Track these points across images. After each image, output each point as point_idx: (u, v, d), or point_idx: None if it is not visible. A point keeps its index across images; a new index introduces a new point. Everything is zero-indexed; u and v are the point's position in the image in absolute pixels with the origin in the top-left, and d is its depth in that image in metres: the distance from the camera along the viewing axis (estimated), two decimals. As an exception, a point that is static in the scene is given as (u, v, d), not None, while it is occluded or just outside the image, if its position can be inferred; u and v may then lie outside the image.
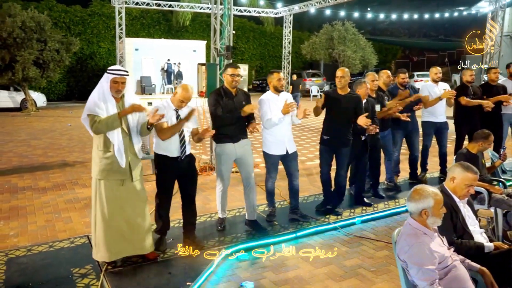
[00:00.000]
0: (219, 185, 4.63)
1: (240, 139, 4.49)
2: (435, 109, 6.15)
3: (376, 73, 5.82)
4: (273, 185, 4.93)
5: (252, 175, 4.65)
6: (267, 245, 4.36)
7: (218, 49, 7.37)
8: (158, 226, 4.21)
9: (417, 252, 2.36)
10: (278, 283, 3.64)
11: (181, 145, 4.03)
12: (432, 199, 2.43)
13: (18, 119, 14.95)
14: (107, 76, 3.55)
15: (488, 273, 2.57)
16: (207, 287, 3.57)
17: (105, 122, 3.45)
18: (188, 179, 4.20)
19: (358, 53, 25.40)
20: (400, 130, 5.97)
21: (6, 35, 14.66)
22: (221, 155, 4.49)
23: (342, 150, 5.02)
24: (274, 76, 4.62)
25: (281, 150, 4.69)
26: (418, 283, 2.36)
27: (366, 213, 5.23)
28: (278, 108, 4.55)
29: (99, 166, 3.59)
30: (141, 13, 24.22)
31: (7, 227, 4.84)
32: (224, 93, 4.41)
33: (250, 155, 4.63)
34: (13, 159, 8.41)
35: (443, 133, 6.40)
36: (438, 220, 2.46)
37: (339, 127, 4.88)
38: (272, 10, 22.96)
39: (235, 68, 4.39)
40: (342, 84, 4.91)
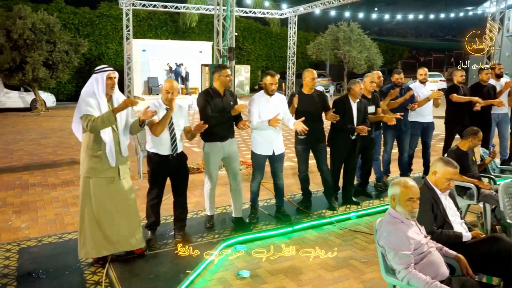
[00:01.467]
0: (207, 184, 4.70)
1: (228, 138, 4.59)
2: (422, 109, 6.24)
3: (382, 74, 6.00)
4: (258, 186, 4.95)
5: (238, 173, 4.76)
6: (264, 238, 4.60)
7: (221, 50, 7.59)
8: (149, 221, 4.33)
9: (394, 238, 2.56)
10: (273, 272, 3.85)
11: (172, 143, 4.13)
12: (399, 188, 2.65)
13: (29, 118, 15.30)
14: (99, 75, 3.64)
15: (464, 260, 2.76)
16: (206, 275, 3.79)
17: (101, 118, 3.51)
18: (179, 176, 4.31)
19: (364, 53, 25.50)
20: (392, 130, 6.06)
21: (17, 36, 15.01)
22: (209, 154, 4.56)
23: (318, 146, 5.16)
24: (267, 79, 4.66)
25: (268, 150, 4.75)
26: (395, 267, 2.56)
27: (361, 208, 5.42)
28: (268, 109, 4.63)
29: (88, 164, 3.65)
30: (148, 15, 24.54)
31: (19, 220, 5.11)
32: (213, 93, 4.50)
33: (237, 154, 4.73)
34: (24, 157, 8.70)
35: (428, 133, 6.51)
36: (405, 211, 2.65)
37: (312, 125, 4.86)
38: (277, 11, 23.17)
39: (227, 69, 4.53)
40: (314, 85, 5.10)
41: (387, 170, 6.40)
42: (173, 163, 4.19)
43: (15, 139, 10.91)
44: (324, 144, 5.24)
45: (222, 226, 4.84)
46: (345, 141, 5.29)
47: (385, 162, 6.34)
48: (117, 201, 3.77)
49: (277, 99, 4.77)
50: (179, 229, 4.45)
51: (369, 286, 3.63)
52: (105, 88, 3.66)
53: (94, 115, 3.55)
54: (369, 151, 5.74)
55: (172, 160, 4.17)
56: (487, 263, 2.83)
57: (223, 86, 4.52)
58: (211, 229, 4.74)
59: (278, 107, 4.72)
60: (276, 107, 4.70)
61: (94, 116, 3.54)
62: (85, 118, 3.55)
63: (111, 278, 3.60)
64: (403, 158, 6.33)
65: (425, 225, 2.91)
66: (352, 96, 5.24)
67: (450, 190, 3.21)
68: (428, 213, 3.03)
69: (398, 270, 2.55)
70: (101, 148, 3.65)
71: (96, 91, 3.64)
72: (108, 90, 3.68)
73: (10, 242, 4.36)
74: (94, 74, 3.69)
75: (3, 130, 12.34)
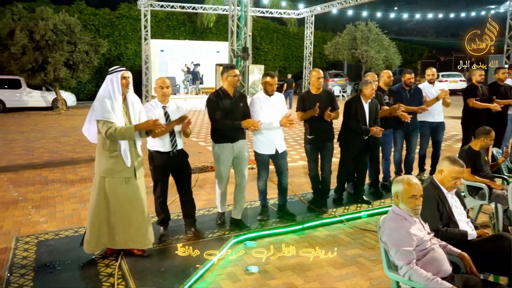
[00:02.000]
0: (218, 184, 4.80)
1: (238, 139, 4.62)
2: (432, 109, 6.20)
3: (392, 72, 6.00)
4: (265, 184, 5.03)
5: (245, 175, 4.78)
6: (274, 235, 4.67)
7: (235, 50, 7.68)
8: (160, 218, 4.43)
9: (396, 234, 2.60)
10: (281, 268, 3.92)
11: (171, 139, 4.21)
12: (402, 185, 2.68)
13: (50, 117, 15.70)
14: (114, 76, 3.72)
15: (468, 258, 2.77)
16: (215, 270, 3.88)
17: (121, 132, 3.62)
18: (182, 173, 4.39)
19: (382, 53, 25.27)
20: (401, 130, 6.05)
21: (39, 37, 15.42)
22: (220, 155, 4.60)
23: (327, 145, 5.21)
24: (267, 79, 4.70)
25: (270, 149, 4.80)
26: (397, 263, 2.60)
27: (372, 207, 5.43)
28: (269, 109, 4.70)
29: (105, 165, 3.73)
30: (167, 15, 24.84)
31: (38, 214, 5.30)
32: (222, 95, 4.50)
33: (246, 156, 4.76)
34: (44, 155, 8.97)
35: (439, 133, 6.45)
36: (408, 208, 2.68)
37: (321, 124, 5.02)
38: (294, 11, 23.17)
39: (235, 69, 4.54)
40: (320, 84, 5.12)
41: (399, 169, 6.38)
42: (174, 160, 4.27)
43: (36, 137, 11.23)
44: (331, 144, 5.27)
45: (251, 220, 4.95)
46: (356, 141, 5.33)
47: (396, 162, 6.33)
48: (131, 201, 3.83)
49: (277, 98, 4.82)
50: (189, 225, 4.53)
51: (376, 283, 3.66)
52: (120, 88, 3.72)
53: (112, 120, 3.63)
54: (376, 150, 5.75)
55: (173, 157, 4.25)
56: (491, 262, 2.84)
57: (232, 87, 4.52)
58: (222, 225, 4.83)
59: (277, 106, 4.78)
60: (275, 106, 4.76)
61: (113, 124, 3.62)
62: (103, 123, 3.62)
63: (124, 271, 3.72)
64: (410, 158, 6.31)
65: (430, 223, 2.93)
66: (364, 97, 5.28)
67: (456, 189, 3.22)
68: (433, 211, 3.05)
69: (400, 266, 2.58)
70: (118, 148, 3.73)
71: (112, 92, 3.70)
72: (123, 90, 3.75)
73: (29, 235, 4.54)
74: (108, 75, 3.76)
75: (25, 128, 12.70)
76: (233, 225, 4.78)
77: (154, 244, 4.11)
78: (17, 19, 15.86)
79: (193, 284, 3.60)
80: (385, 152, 6.12)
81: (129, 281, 3.55)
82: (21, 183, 6.74)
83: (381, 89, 5.92)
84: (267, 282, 3.68)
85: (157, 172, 4.27)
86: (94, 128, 3.81)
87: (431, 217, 3.00)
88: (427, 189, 3.07)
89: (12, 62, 15.83)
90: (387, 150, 6.10)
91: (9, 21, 15.78)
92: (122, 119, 3.74)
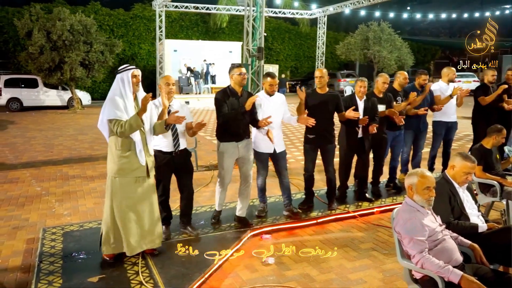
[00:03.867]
0: (220, 182, 4.77)
1: (243, 138, 4.62)
2: (447, 108, 6.19)
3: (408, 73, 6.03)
4: (264, 182, 5.03)
5: (250, 174, 4.77)
6: (290, 229, 4.82)
7: (250, 50, 7.84)
8: (162, 216, 4.28)
9: (410, 225, 2.73)
10: (297, 260, 4.07)
11: (173, 139, 4.21)
12: (417, 178, 2.80)
13: (66, 116, 16.03)
14: (124, 74, 3.70)
15: (478, 249, 2.89)
16: (233, 261, 4.03)
17: (129, 124, 3.57)
18: (184, 173, 4.39)
19: (394, 53, 25.21)
20: (410, 130, 6.07)
21: (56, 37, 15.76)
22: (224, 153, 4.59)
23: (326, 147, 5.16)
24: (267, 80, 4.75)
25: (269, 148, 4.82)
26: (410, 252, 2.73)
27: (385, 204, 5.55)
28: (270, 109, 4.74)
29: (118, 165, 3.70)
30: (180, 16, 25.11)
31: (62, 207, 5.52)
32: (230, 93, 4.54)
33: (251, 155, 4.78)
34: (63, 151, 9.23)
35: (451, 133, 6.45)
36: (423, 199, 2.80)
37: (322, 125, 4.97)
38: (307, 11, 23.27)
39: (241, 68, 4.54)
40: (321, 83, 5.07)
41: (406, 169, 6.35)
42: (177, 160, 4.28)
43: (55, 134, 11.52)
44: (333, 146, 5.21)
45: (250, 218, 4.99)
46: (351, 139, 5.34)
47: (403, 161, 6.32)
48: (144, 199, 3.85)
49: (278, 98, 4.87)
50: (185, 224, 4.52)
51: (388, 275, 3.79)
52: (131, 86, 3.73)
53: (122, 119, 3.62)
54: (380, 150, 5.74)
55: (176, 157, 4.27)
56: (501, 253, 2.95)
57: (238, 85, 4.53)
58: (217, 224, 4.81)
59: (278, 106, 4.83)
60: (276, 106, 4.81)
61: (122, 121, 3.61)
62: (114, 122, 3.63)
63: (147, 259, 3.90)
64: (417, 158, 6.30)
65: (442, 216, 3.05)
66: (357, 95, 5.33)
67: (467, 184, 3.34)
68: (445, 205, 3.17)
69: (412, 255, 2.71)
70: (130, 148, 3.72)
71: (123, 90, 3.71)
72: (134, 88, 3.75)
73: (55, 226, 4.76)
74: (118, 74, 3.75)
75: (44, 127, 13.02)
76: (237, 223, 4.80)
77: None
78: (35, 19, 16.24)
79: (213, 273, 3.77)
80: (395, 153, 6.10)
81: (152, 269, 3.73)
82: (43, 178, 6.99)
83: (394, 90, 5.92)
84: (283, 272, 3.83)
85: (160, 171, 4.18)
86: (106, 128, 3.78)
87: (443, 210, 3.13)
88: (440, 183, 3.19)
89: (29, 61, 16.24)
90: (397, 151, 6.10)
91: (27, 22, 16.17)
92: None
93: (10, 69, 20.06)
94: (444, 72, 6.39)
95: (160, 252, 4.03)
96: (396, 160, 6.15)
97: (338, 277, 3.76)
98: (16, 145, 9.95)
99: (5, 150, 9.27)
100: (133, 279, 3.58)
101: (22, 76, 17.69)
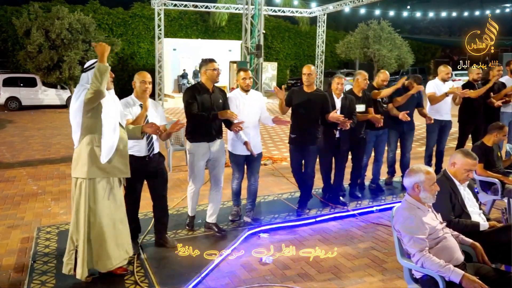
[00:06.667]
0: (191, 185, 4.42)
1: (215, 139, 4.30)
2: (441, 107, 6.05)
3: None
4: (239, 185, 4.76)
5: (221, 178, 4.47)
6: (288, 228, 4.76)
7: (249, 48, 7.78)
8: (130, 228, 3.70)
9: (410, 223, 2.66)
10: (295, 259, 4.00)
11: (148, 143, 3.84)
12: (423, 174, 2.72)
13: (65, 115, 15.94)
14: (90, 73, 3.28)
15: (480, 247, 2.83)
16: (230, 260, 3.98)
17: (96, 69, 3.14)
18: (158, 178, 3.99)
19: (394, 52, 25.13)
20: (395, 130, 5.81)
21: (55, 36, 15.69)
22: (195, 155, 4.27)
23: (309, 148, 4.85)
24: (240, 74, 4.51)
25: (244, 150, 4.48)
26: (410, 250, 2.66)
27: (384, 202, 5.48)
28: (246, 107, 4.49)
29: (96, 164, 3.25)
30: (179, 14, 25.05)
31: (57, 206, 5.46)
32: (201, 89, 4.21)
33: (223, 157, 4.45)
34: (61, 150, 9.16)
35: (445, 132, 6.25)
36: (430, 195, 2.73)
37: (306, 125, 4.73)
38: (306, 10, 23.18)
39: (215, 62, 4.26)
40: (309, 81, 4.80)
41: (393, 170, 6.15)
42: (151, 165, 3.91)
43: (53, 133, 11.45)
44: (315, 147, 4.90)
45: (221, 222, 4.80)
46: (329, 138, 5.06)
47: (389, 162, 6.10)
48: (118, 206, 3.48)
49: (254, 96, 4.63)
50: (160, 233, 4.13)
51: (388, 274, 3.73)
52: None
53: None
54: (358, 151, 5.50)
55: (149, 162, 3.89)
56: (503, 252, 2.89)
57: (211, 81, 4.24)
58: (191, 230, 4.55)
59: (254, 104, 4.58)
60: (252, 104, 4.56)
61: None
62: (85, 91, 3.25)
63: (142, 259, 3.84)
64: (406, 159, 6.02)
65: (443, 214, 2.99)
66: (334, 92, 5.05)
67: (468, 181, 3.27)
68: (446, 202, 3.11)
69: (412, 254, 2.65)
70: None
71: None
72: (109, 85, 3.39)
73: (50, 225, 4.69)
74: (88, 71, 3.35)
75: (42, 125, 12.96)
76: (207, 229, 4.49)
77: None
78: (34, 18, 16.18)
79: (210, 273, 3.71)
80: (378, 152, 5.85)
81: (147, 269, 3.66)
82: (40, 177, 6.92)
83: (374, 88, 5.63)
84: (281, 272, 3.77)
85: (130, 178, 3.60)
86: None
87: (443, 208, 3.06)
88: (440, 181, 3.12)
89: (28, 60, 16.17)
90: (380, 151, 5.85)
91: (25, 20, 16.11)
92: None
93: (9, 68, 20.01)
94: (440, 70, 6.26)
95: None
96: (379, 160, 5.89)
97: (337, 277, 3.70)
98: (13, 144, 9.88)
99: (2, 149, 9.20)
100: (127, 278, 3.52)
101: (20, 75, 17.61)
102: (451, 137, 10.51)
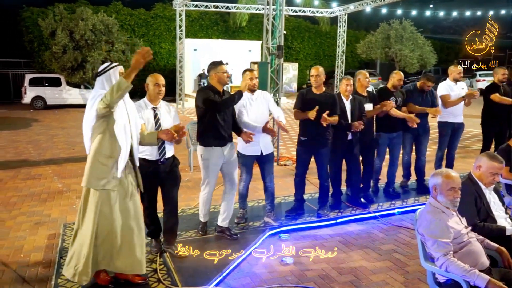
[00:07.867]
0: (204, 190, 4.37)
1: (227, 142, 4.27)
2: (454, 109, 5.91)
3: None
4: (246, 188, 4.75)
5: (236, 181, 4.44)
6: (309, 229, 4.76)
7: (270, 49, 7.79)
8: (150, 229, 3.97)
9: (434, 226, 2.64)
10: (316, 260, 4.01)
11: (159, 147, 3.75)
12: (441, 178, 2.70)
13: (88, 114, 16.24)
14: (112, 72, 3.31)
15: (506, 252, 2.78)
16: (251, 260, 4.00)
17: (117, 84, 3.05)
18: (170, 184, 3.92)
19: (416, 52, 24.79)
20: (410, 133, 5.68)
21: (79, 37, 16.04)
22: (209, 160, 4.22)
23: (320, 150, 4.83)
24: (246, 75, 4.47)
25: (255, 151, 4.53)
26: (434, 254, 2.64)
27: (406, 204, 5.43)
28: (253, 108, 4.50)
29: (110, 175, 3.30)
30: (200, 15, 25.22)
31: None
32: (213, 92, 4.17)
33: (235, 160, 4.42)
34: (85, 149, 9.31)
35: (457, 135, 6.12)
36: (446, 200, 2.70)
37: (316, 127, 4.66)
38: (327, 10, 23.05)
39: (223, 65, 4.23)
40: (317, 83, 4.75)
41: (408, 173, 6.09)
42: (163, 169, 3.83)
43: (77, 132, 11.68)
44: (326, 149, 4.86)
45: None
46: (341, 140, 5.01)
47: (405, 165, 6.04)
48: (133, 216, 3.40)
49: (261, 96, 4.61)
50: (168, 242, 4.04)
51: (411, 277, 3.70)
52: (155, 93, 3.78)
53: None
54: (369, 153, 5.47)
55: (162, 166, 3.82)
56: (530, 257, 2.83)
57: (220, 84, 4.21)
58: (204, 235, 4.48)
59: (262, 105, 4.58)
60: (260, 105, 4.56)
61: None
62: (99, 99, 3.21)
63: (164, 257, 3.91)
64: (421, 162, 5.95)
65: (468, 218, 2.95)
66: (343, 94, 5.03)
67: (494, 185, 3.22)
68: (471, 206, 3.06)
69: (437, 258, 2.62)
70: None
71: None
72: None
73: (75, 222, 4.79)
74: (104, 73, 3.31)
75: (66, 125, 13.24)
76: (219, 233, 4.43)
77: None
78: (59, 19, 16.56)
79: (231, 272, 3.74)
80: (393, 156, 5.78)
81: (170, 267, 3.72)
82: (65, 175, 7.09)
83: (387, 90, 5.60)
84: (302, 273, 3.78)
85: (145, 181, 3.58)
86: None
87: (468, 212, 3.02)
88: (465, 184, 3.08)
89: (53, 61, 16.56)
90: (395, 154, 5.77)
91: (51, 22, 16.49)
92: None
93: (35, 68, 20.48)
94: (451, 69, 6.10)
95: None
96: (395, 163, 5.81)
97: (358, 279, 3.69)
98: (39, 142, 10.14)
99: (29, 147, 9.46)
100: (151, 276, 3.58)
101: (46, 75, 18.02)
102: (475, 139, 10.40)
